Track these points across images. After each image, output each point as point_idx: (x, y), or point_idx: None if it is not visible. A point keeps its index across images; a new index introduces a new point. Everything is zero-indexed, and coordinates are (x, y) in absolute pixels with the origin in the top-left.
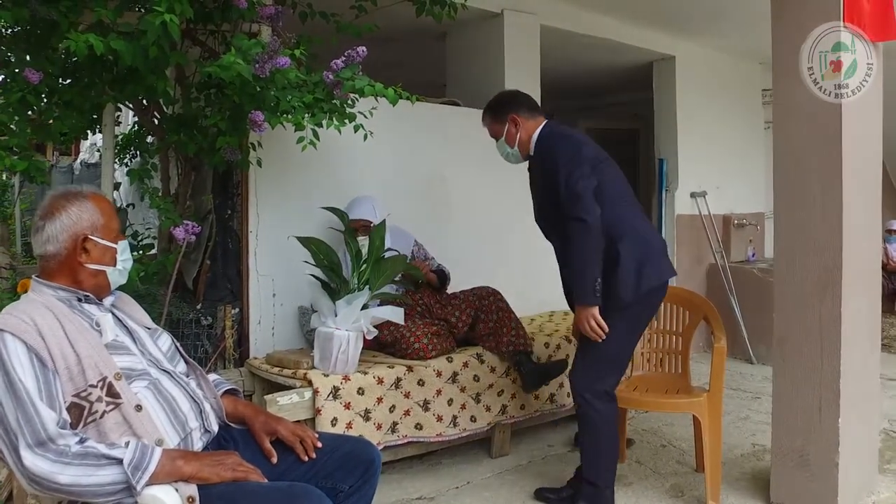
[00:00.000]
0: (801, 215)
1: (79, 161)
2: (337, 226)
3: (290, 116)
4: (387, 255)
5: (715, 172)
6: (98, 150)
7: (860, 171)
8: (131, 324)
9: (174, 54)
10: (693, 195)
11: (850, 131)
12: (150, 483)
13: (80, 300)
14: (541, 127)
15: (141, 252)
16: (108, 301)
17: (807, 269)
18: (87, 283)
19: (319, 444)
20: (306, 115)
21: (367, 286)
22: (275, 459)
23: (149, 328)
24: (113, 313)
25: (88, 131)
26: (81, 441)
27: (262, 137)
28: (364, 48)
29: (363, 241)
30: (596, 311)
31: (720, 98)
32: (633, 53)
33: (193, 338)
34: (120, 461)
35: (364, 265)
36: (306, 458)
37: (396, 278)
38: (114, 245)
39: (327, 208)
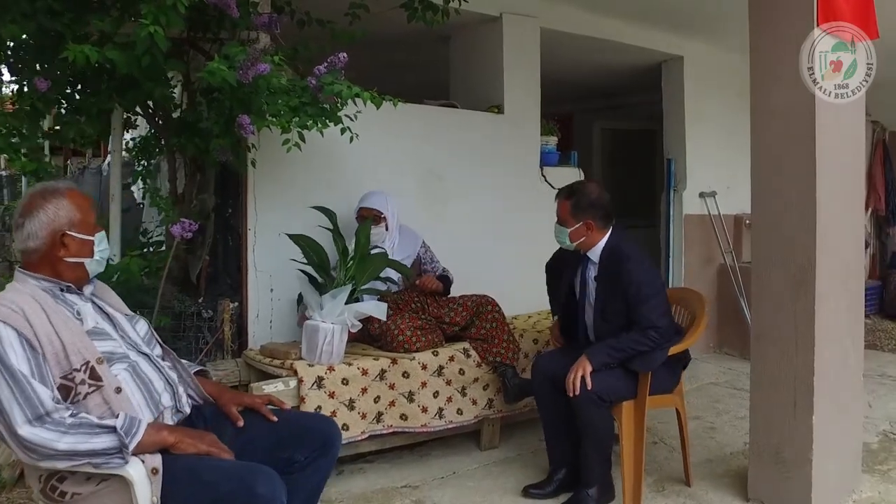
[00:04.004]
0: (776, 215)
1: (106, 162)
2: (326, 224)
3: (275, 119)
4: (372, 252)
5: (725, 172)
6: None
7: (837, 172)
8: (111, 310)
9: (170, 62)
10: (702, 195)
11: (825, 132)
12: (136, 449)
13: (62, 290)
14: (607, 236)
15: (151, 248)
16: (87, 290)
17: (781, 268)
18: (68, 275)
19: (286, 405)
20: (293, 119)
21: (353, 281)
22: (241, 423)
23: (126, 314)
24: (93, 301)
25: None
26: (74, 414)
27: (261, 139)
28: (345, 54)
29: (376, 231)
30: (590, 369)
31: (729, 98)
32: (640, 54)
33: (195, 330)
34: (113, 428)
35: (350, 262)
36: (275, 419)
37: (397, 278)
38: (91, 238)
39: (316, 207)
